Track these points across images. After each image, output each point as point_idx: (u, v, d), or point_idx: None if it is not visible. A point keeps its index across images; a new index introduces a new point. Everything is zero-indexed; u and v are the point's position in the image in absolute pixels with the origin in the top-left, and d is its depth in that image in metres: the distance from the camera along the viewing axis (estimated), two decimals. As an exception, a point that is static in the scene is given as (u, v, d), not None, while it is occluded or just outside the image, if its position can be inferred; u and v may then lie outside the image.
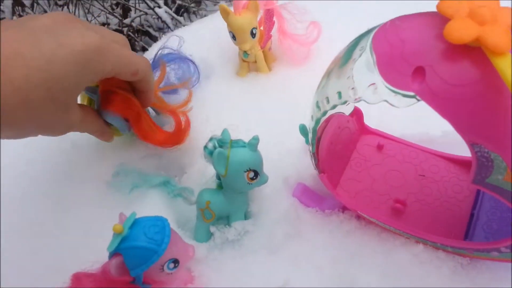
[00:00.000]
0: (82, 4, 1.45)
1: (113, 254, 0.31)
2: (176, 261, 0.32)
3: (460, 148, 0.41)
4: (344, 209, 0.43)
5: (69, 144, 0.51)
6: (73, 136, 0.52)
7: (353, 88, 0.29)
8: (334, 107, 0.32)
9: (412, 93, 0.26)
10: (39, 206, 0.46)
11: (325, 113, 0.33)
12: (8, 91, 0.30)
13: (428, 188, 0.41)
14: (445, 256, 0.38)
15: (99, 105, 0.43)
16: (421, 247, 0.38)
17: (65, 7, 1.47)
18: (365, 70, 0.29)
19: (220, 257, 0.41)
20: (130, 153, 0.49)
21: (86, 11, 1.47)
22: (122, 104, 0.43)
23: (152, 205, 0.44)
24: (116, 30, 1.28)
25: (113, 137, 0.46)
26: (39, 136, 0.36)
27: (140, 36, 1.43)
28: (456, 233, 0.38)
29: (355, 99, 0.29)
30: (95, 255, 0.34)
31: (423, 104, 0.28)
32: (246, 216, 0.43)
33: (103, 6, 1.39)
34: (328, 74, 0.34)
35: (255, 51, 0.56)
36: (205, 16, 1.17)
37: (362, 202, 0.42)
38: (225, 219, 0.43)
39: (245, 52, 0.55)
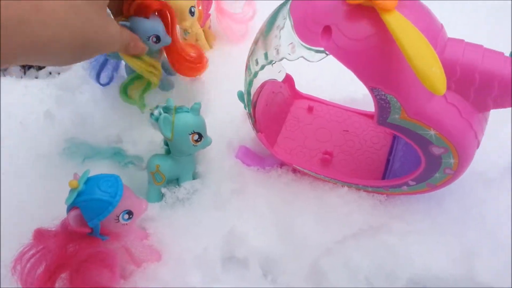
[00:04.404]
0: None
1: (71, 208, 0.34)
2: (130, 213, 0.36)
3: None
4: (282, 165, 0.48)
5: (17, 123, 0.52)
6: (22, 114, 0.54)
7: (276, 49, 0.34)
8: (262, 67, 0.36)
9: (322, 49, 0.31)
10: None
11: (255, 74, 0.38)
12: None
13: (351, 141, 0.48)
14: (366, 195, 0.44)
15: (135, 23, 0.45)
16: (346, 189, 0.44)
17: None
18: (286, 34, 0.34)
19: (172, 215, 0.45)
20: (79, 128, 0.51)
21: None
22: (158, 1, 0.45)
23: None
24: None
25: (145, 48, 0.46)
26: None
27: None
28: (375, 176, 0.45)
29: (279, 58, 0.34)
30: (52, 216, 0.36)
31: (347, 71, 0.33)
32: (194, 177, 0.47)
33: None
34: (256, 41, 0.38)
35: (196, 29, 0.59)
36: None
37: (296, 157, 0.47)
38: (175, 182, 0.47)
39: (185, 30, 0.58)
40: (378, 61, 0.31)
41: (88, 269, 0.34)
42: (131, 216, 0.36)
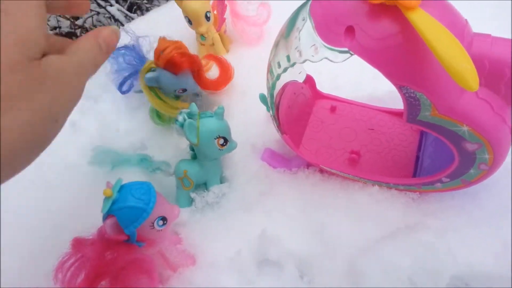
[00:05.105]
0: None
1: (106, 216, 0.35)
2: (164, 219, 0.37)
3: (402, 103, 0.48)
4: (308, 165, 0.48)
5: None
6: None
7: (299, 51, 0.34)
8: (285, 70, 0.36)
9: (346, 49, 0.31)
10: (29, 193, 0.49)
11: (278, 76, 0.38)
12: None
13: (377, 139, 0.47)
14: (398, 193, 0.43)
15: (163, 76, 0.47)
16: (377, 188, 0.44)
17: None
18: (307, 36, 0.34)
19: (202, 219, 0.45)
20: (103, 136, 0.52)
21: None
22: (188, 59, 0.48)
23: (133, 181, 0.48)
24: (68, 33, 1.27)
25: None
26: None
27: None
28: (405, 174, 0.44)
29: (302, 60, 0.34)
30: (87, 225, 0.37)
31: (367, 70, 0.32)
32: (221, 181, 0.48)
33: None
34: (276, 44, 0.38)
35: (212, 34, 0.60)
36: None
37: (323, 157, 0.47)
38: (203, 186, 0.48)
39: (202, 35, 0.59)
40: (404, 59, 0.30)
41: (127, 276, 0.35)
42: (165, 222, 0.37)
